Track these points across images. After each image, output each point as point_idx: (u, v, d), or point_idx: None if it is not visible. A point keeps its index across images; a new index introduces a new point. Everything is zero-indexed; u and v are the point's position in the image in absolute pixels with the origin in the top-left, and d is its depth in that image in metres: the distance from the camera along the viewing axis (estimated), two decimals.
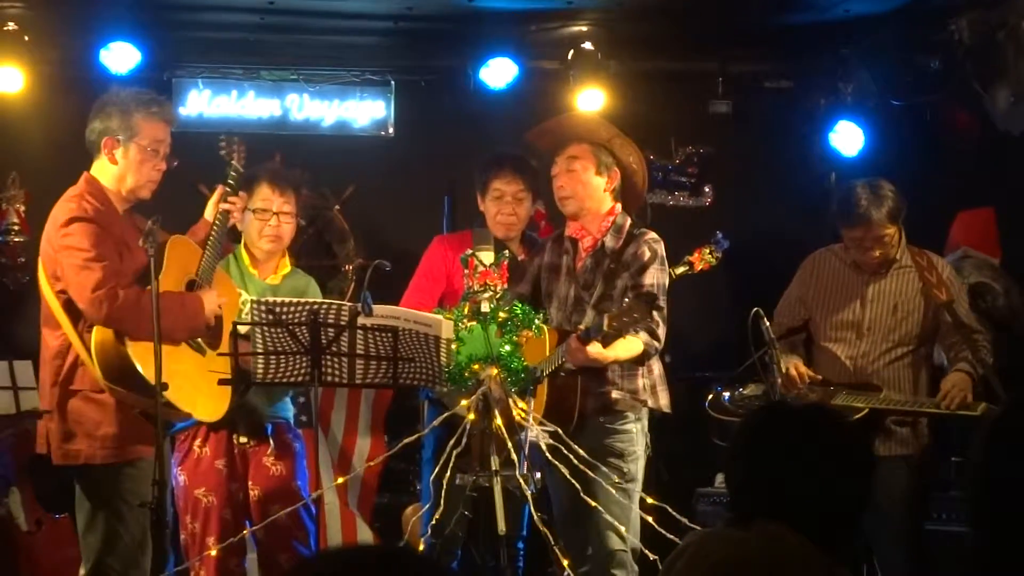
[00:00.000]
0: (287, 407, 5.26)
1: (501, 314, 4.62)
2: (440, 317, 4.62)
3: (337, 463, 6.35)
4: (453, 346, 4.59)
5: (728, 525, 2.71)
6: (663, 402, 5.05)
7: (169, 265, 4.57)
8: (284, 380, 4.58)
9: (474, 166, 5.66)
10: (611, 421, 4.92)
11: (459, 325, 4.61)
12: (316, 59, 7.34)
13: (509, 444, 4.45)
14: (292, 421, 5.25)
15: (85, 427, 4.53)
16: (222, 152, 4.98)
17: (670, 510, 4.64)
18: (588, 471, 4.59)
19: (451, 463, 4.48)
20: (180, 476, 5.07)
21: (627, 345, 4.80)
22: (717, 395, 5.73)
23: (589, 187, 5.05)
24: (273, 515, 4.80)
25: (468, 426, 4.51)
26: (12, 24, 6.62)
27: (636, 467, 4.92)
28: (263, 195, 5.20)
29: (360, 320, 4.49)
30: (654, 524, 4.65)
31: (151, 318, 4.28)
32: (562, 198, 5.09)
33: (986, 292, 6.11)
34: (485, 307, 4.60)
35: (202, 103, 7.30)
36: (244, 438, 5.08)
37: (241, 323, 4.70)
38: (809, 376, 5.30)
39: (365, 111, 7.46)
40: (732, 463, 2.72)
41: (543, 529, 4.58)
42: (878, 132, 7.10)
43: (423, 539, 4.86)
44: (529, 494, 4.50)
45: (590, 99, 6.97)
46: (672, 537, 4.25)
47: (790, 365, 5.28)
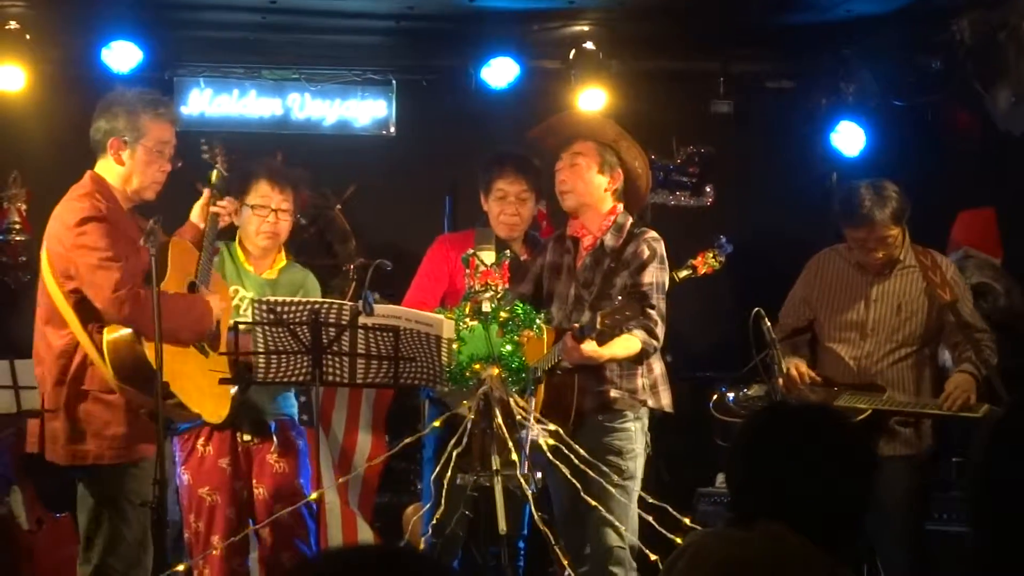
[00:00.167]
0: (291, 403, 5.24)
1: (502, 314, 4.63)
2: (441, 317, 4.62)
3: (338, 462, 6.35)
4: (454, 346, 4.59)
5: (729, 525, 2.70)
6: (664, 401, 5.04)
7: (172, 267, 4.57)
8: (285, 379, 4.58)
9: (477, 166, 5.65)
10: (610, 420, 4.92)
11: (460, 325, 4.62)
12: (317, 58, 7.34)
13: (510, 444, 4.45)
14: (295, 418, 5.24)
15: (94, 427, 4.50)
16: (204, 156, 4.96)
17: (670, 510, 4.63)
18: (588, 470, 4.59)
19: (452, 463, 4.48)
20: (184, 475, 5.07)
21: (624, 344, 4.80)
22: (721, 396, 5.73)
23: (590, 184, 5.05)
24: (277, 513, 4.81)
25: (469, 426, 4.52)
26: (14, 23, 6.63)
27: (635, 465, 4.92)
28: (262, 192, 5.19)
29: (361, 320, 4.48)
30: (654, 524, 4.65)
31: (167, 318, 4.28)
32: (562, 192, 5.10)
33: (987, 292, 6.12)
34: (486, 307, 4.61)
35: (203, 102, 7.30)
36: (248, 436, 5.08)
37: (242, 322, 4.70)
38: (811, 376, 5.30)
39: (366, 110, 7.46)
40: (733, 463, 2.71)
41: (544, 529, 4.59)
42: (879, 132, 7.10)
43: (424, 538, 4.86)
44: (530, 494, 4.50)
45: (591, 99, 6.97)
46: (672, 537, 4.26)
47: (791, 365, 5.27)
